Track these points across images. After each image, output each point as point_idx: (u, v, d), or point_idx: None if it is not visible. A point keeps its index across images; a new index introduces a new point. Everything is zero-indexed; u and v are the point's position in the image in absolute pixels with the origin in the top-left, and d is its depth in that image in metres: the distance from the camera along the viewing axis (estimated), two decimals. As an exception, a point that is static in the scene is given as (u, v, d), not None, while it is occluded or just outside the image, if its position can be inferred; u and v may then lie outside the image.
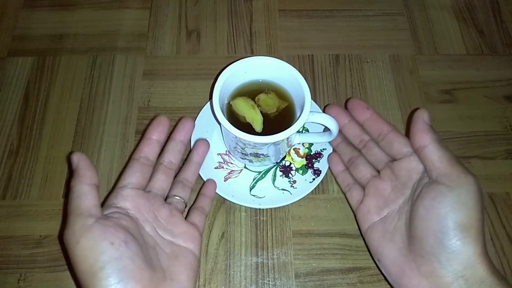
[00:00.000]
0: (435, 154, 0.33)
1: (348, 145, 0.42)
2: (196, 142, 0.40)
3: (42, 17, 0.53)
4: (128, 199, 0.33)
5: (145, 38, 0.52)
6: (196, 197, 0.40)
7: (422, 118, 0.35)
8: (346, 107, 0.42)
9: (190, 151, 0.41)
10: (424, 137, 0.34)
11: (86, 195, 0.30)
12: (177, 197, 0.37)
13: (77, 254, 0.28)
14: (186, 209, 0.39)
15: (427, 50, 0.52)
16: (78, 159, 0.31)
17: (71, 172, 0.32)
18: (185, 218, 0.37)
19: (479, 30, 0.53)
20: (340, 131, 0.42)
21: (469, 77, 0.50)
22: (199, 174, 0.41)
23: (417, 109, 0.36)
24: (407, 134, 0.37)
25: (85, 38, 0.51)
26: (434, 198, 0.32)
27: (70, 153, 0.32)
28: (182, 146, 0.38)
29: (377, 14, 0.54)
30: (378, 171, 0.39)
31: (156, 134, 0.36)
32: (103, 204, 0.33)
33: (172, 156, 0.37)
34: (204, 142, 0.40)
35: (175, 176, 0.39)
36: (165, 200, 0.37)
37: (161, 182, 0.36)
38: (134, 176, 0.34)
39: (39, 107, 0.47)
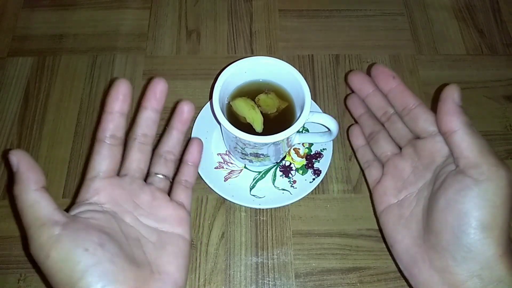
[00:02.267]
0: (465, 142, 0.30)
1: (370, 117, 0.39)
2: (178, 105, 0.34)
3: (42, 17, 0.53)
4: (101, 192, 0.29)
5: (145, 38, 0.52)
6: (179, 165, 0.35)
7: (452, 97, 0.31)
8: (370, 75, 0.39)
9: (171, 116, 0.35)
10: (453, 121, 0.31)
11: (39, 203, 0.27)
12: (159, 175, 0.33)
13: (50, 267, 0.26)
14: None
15: (427, 50, 0.52)
16: (18, 159, 0.27)
17: (10, 174, 0.28)
18: (170, 194, 0.34)
19: (479, 30, 0.53)
20: (363, 101, 0.40)
21: (469, 77, 0.50)
22: (198, 174, 0.40)
23: (446, 84, 0.32)
24: (434, 111, 0.33)
25: (85, 38, 0.51)
26: (458, 191, 0.29)
27: (7, 151, 0.28)
28: (156, 114, 0.32)
29: (377, 14, 0.54)
30: (400, 148, 0.37)
31: (118, 105, 0.30)
32: (74, 200, 0.31)
33: (146, 128, 0.32)
34: (188, 104, 0.33)
35: (155, 148, 0.34)
36: (146, 179, 0.33)
37: (137, 162, 0.32)
38: (103, 163, 0.30)
39: (39, 107, 0.47)
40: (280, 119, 0.39)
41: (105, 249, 0.26)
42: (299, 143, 0.44)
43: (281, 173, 0.43)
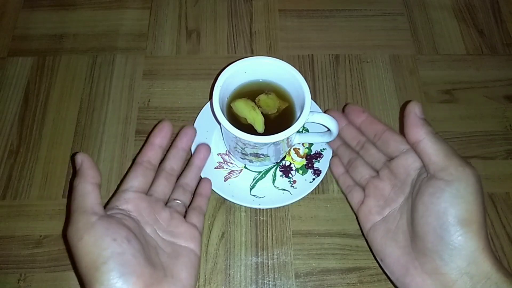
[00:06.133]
0: (430, 148, 0.33)
1: (347, 148, 0.42)
2: (198, 146, 0.41)
3: (42, 17, 0.53)
4: (130, 202, 0.34)
5: (145, 38, 0.52)
6: (193, 197, 0.40)
7: (413, 112, 0.34)
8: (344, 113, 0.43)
9: (192, 155, 0.41)
10: (417, 132, 0.34)
11: (89, 194, 0.31)
12: (178, 201, 0.38)
13: (80, 249, 0.29)
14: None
15: (427, 50, 0.52)
16: (82, 159, 0.32)
17: (74, 172, 0.33)
18: (185, 217, 0.37)
19: (479, 30, 0.53)
20: (339, 134, 0.42)
21: (469, 77, 0.50)
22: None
23: (409, 101, 0.35)
24: (402, 127, 0.36)
25: (85, 38, 0.51)
26: (433, 194, 0.32)
27: (74, 154, 0.33)
28: (184, 153, 0.39)
29: (377, 14, 0.54)
30: (377, 172, 0.39)
31: (159, 139, 0.37)
32: (105, 206, 0.33)
33: (174, 162, 0.38)
34: (205, 147, 0.41)
35: (177, 180, 0.39)
36: (166, 203, 0.37)
37: (163, 187, 0.37)
38: (136, 180, 0.35)
39: (39, 107, 0.47)
40: (280, 119, 0.39)
41: (130, 243, 0.30)
42: (299, 143, 0.44)
43: (281, 173, 0.43)
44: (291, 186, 0.42)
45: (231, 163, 0.43)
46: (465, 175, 0.31)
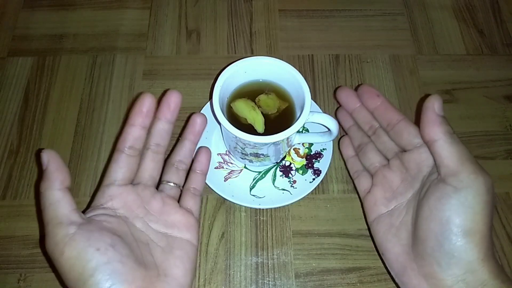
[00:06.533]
0: (445, 150, 0.31)
1: (358, 130, 0.41)
2: (191, 117, 0.36)
3: (42, 17, 0.53)
4: (115, 198, 0.31)
5: (145, 38, 0.52)
6: (187, 174, 0.37)
7: (432, 107, 0.32)
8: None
9: (184, 127, 0.37)
10: (434, 130, 0.32)
11: (60, 202, 0.28)
12: (170, 183, 0.35)
13: (63, 264, 0.27)
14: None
15: (427, 50, 0.52)
16: (48, 158, 0.29)
17: (40, 172, 0.30)
18: (179, 201, 0.35)
19: (479, 30, 0.53)
20: (351, 114, 0.41)
21: (469, 77, 0.50)
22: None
23: (428, 95, 0.33)
24: (417, 123, 0.35)
25: (85, 38, 0.51)
26: (439, 198, 0.31)
27: (39, 150, 0.30)
28: (170, 125, 0.34)
29: (377, 14, 0.54)
30: (388, 160, 0.38)
31: (140, 119, 0.31)
32: (90, 204, 0.32)
33: (159, 138, 0.34)
34: (201, 117, 0.36)
35: (168, 157, 0.36)
36: (158, 186, 0.35)
37: (150, 170, 0.33)
38: (120, 171, 0.32)
39: (39, 107, 0.47)
40: (280, 119, 0.39)
41: (115, 250, 0.28)
42: (299, 143, 0.44)
43: (281, 173, 0.43)
44: (291, 186, 0.42)
45: (231, 163, 0.43)
46: (476, 183, 0.30)
